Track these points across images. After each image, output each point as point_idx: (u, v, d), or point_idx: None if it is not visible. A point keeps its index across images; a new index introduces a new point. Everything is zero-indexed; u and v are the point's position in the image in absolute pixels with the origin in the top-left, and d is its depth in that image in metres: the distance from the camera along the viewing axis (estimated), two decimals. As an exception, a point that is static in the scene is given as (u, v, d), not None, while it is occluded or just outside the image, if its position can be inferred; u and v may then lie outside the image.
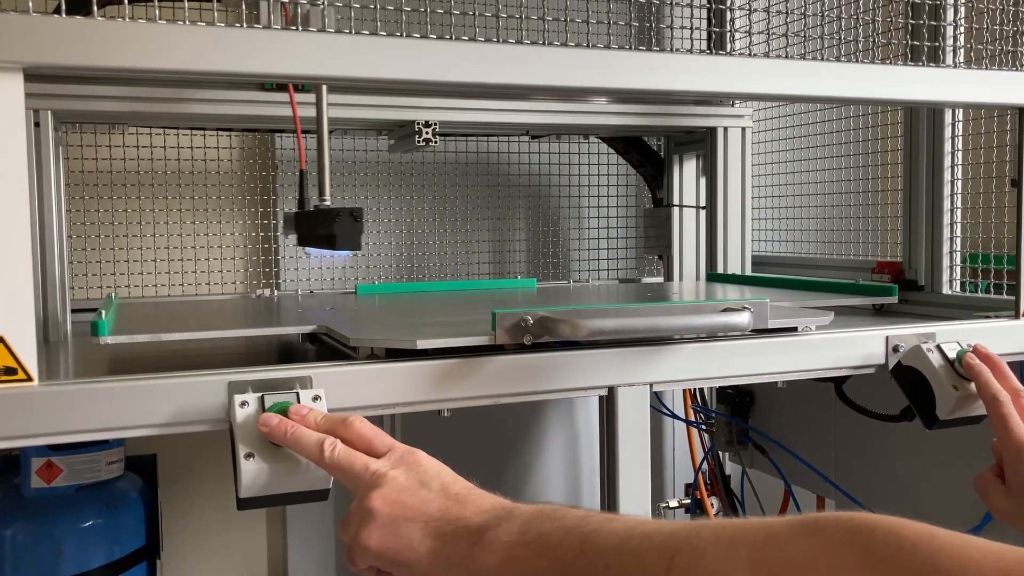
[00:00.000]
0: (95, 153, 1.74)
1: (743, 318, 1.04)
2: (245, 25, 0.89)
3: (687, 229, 1.96)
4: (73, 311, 1.47)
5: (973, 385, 1.14)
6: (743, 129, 1.84)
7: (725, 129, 1.83)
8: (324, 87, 1.37)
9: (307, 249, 1.47)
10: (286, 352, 1.27)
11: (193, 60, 0.88)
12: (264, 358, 1.18)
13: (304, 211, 1.40)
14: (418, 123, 1.57)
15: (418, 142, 1.57)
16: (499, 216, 2.09)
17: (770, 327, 1.13)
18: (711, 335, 1.12)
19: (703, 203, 1.93)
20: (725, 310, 1.06)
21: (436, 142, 1.57)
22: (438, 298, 1.61)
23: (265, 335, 1.31)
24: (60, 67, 0.86)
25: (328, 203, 1.35)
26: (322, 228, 1.31)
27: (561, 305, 1.15)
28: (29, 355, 0.87)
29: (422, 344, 0.98)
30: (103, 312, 1.12)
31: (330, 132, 1.83)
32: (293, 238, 1.41)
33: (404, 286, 1.83)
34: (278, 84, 1.49)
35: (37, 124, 1.34)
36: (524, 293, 1.71)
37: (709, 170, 1.86)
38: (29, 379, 0.87)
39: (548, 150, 2.10)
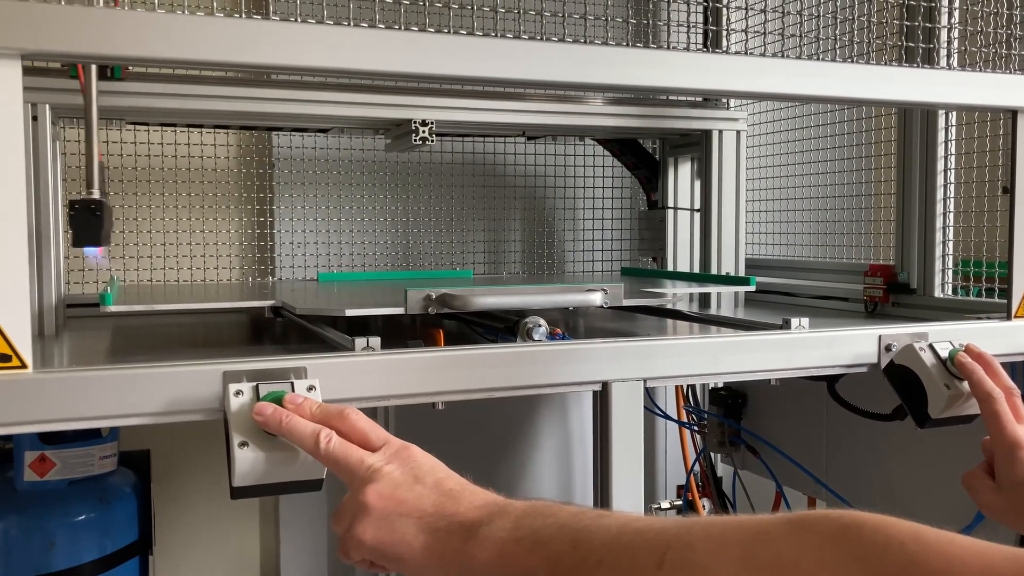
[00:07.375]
0: (92, 149, 1.73)
1: (597, 296, 1.26)
2: (244, 16, 0.90)
3: (681, 232, 1.97)
4: (68, 306, 1.47)
5: (965, 384, 1.15)
6: (738, 132, 1.84)
7: (720, 132, 1.83)
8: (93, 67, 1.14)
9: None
10: (256, 325, 1.53)
11: (190, 49, 0.88)
12: (241, 331, 1.44)
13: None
14: (415, 122, 1.57)
15: (415, 141, 1.57)
16: (495, 216, 2.10)
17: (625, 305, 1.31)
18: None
19: (697, 206, 1.93)
20: (588, 291, 1.26)
21: (432, 141, 1.57)
22: (388, 284, 1.75)
23: (237, 308, 1.58)
24: (59, 54, 0.86)
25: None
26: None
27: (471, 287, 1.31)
28: (24, 343, 0.87)
29: (350, 312, 1.16)
30: (109, 287, 1.32)
31: (326, 130, 1.85)
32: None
33: (364, 275, 1.96)
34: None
35: (35, 118, 1.34)
36: (461, 280, 1.85)
37: (704, 173, 1.87)
38: (24, 366, 0.87)
39: (544, 151, 2.10)
